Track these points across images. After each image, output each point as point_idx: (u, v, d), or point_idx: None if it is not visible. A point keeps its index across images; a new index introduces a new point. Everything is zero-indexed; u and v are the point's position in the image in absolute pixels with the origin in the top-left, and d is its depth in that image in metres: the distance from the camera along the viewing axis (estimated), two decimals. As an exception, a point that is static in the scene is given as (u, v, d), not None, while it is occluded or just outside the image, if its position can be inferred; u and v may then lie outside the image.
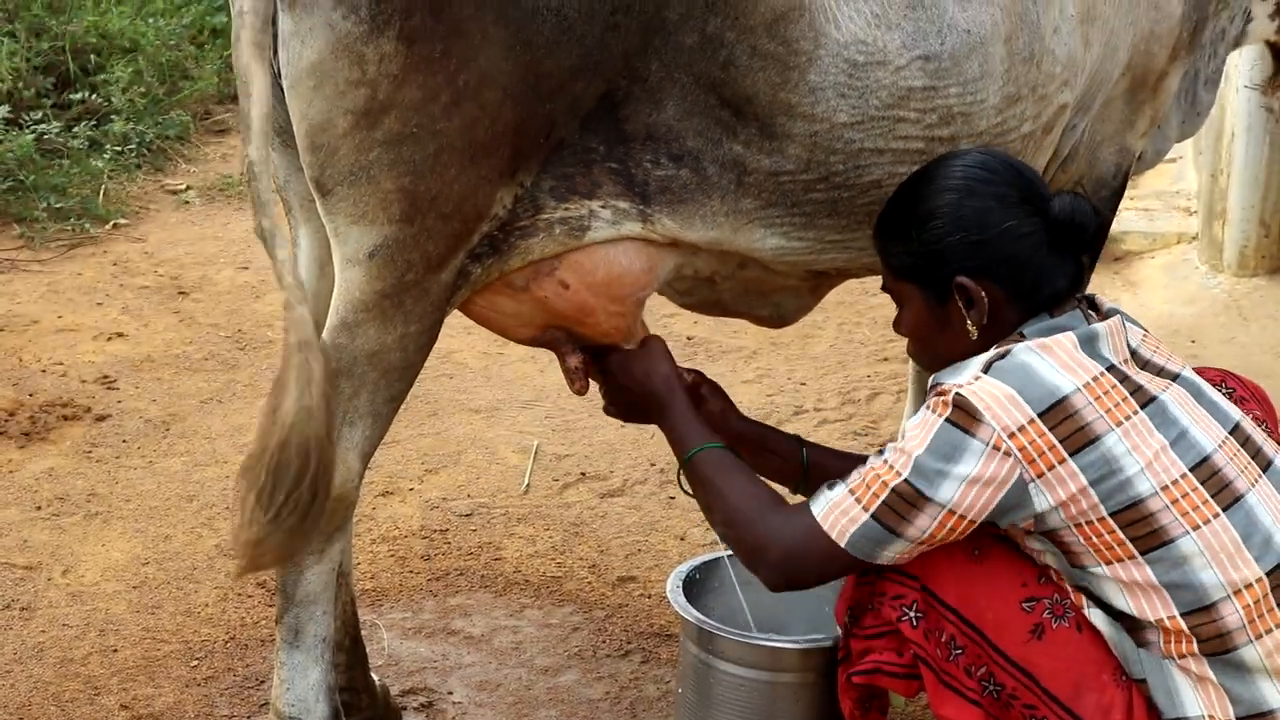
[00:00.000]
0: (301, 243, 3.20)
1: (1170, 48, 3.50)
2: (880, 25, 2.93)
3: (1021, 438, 2.61)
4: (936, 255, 2.81)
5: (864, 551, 2.71)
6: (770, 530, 2.78)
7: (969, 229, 2.79)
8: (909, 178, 2.92)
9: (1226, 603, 2.64)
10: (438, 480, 4.75)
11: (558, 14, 2.67)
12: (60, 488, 4.61)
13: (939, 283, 2.83)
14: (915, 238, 2.83)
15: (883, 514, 2.68)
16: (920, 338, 2.93)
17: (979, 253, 2.79)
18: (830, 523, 2.72)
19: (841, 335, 5.91)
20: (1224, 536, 2.65)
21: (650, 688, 3.74)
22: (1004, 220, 2.78)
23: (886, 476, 2.68)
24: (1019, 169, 2.86)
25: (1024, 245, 2.78)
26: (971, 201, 2.79)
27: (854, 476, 2.73)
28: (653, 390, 3.02)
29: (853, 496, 2.71)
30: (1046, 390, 2.64)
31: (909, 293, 2.89)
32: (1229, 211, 6.11)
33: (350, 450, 2.90)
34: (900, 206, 2.88)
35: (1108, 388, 2.67)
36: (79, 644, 3.85)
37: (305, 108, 2.70)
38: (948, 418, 2.65)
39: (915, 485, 2.65)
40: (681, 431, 2.97)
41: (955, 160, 2.87)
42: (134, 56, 7.96)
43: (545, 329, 3.02)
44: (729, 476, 2.88)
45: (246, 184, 2.76)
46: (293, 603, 2.98)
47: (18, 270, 6.36)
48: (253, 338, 5.79)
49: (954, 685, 2.76)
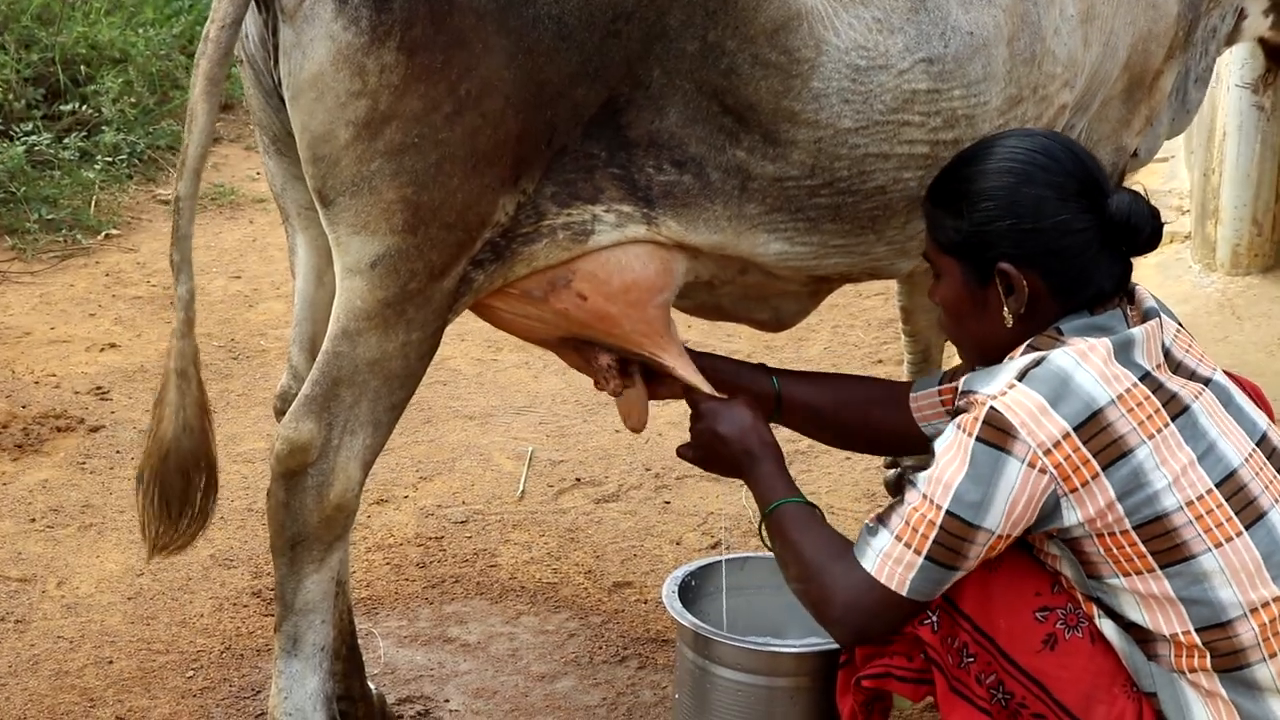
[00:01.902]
0: (299, 251, 3.19)
1: (1167, 47, 3.50)
2: (883, 29, 2.92)
3: (1057, 454, 2.58)
4: (984, 237, 2.75)
5: (926, 594, 2.68)
6: (832, 583, 2.73)
7: (1021, 216, 2.72)
8: (970, 148, 2.87)
9: (1242, 620, 2.62)
10: (432, 487, 4.74)
11: (558, 22, 2.66)
12: (54, 499, 4.60)
13: (982, 264, 2.77)
14: (965, 215, 2.77)
15: (936, 554, 2.64)
16: (954, 314, 2.87)
17: (1027, 242, 2.72)
18: (886, 574, 2.67)
19: (836, 338, 5.91)
20: (1245, 555, 2.62)
21: (647, 693, 3.73)
22: (1058, 212, 2.71)
23: (930, 514, 2.63)
24: (1082, 159, 2.79)
25: (1075, 241, 2.72)
26: (1028, 188, 2.73)
27: (895, 520, 2.68)
28: (748, 447, 2.96)
29: (901, 543, 2.66)
30: (1082, 402, 2.60)
31: (950, 267, 2.83)
32: (1221, 210, 6.11)
33: (351, 459, 2.89)
34: (955, 178, 2.82)
35: (1141, 399, 2.63)
36: (74, 656, 3.84)
37: (307, 119, 2.70)
38: (980, 437, 2.60)
39: (961, 516, 2.61)
40: (768, 486, 2.92)
41: (1018, 140, 2.80)
42: (124, 67, 7.96)
43: (572, 336, 3.02)
44: (804, 531, 2.82)
45: (172, 214, 2.84)
46: (291, 611, 2.98)
47: (10, 282, 6.35)
48: (246, 347, 5.78)
49: (964, 692, 2.73)
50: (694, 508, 4.61)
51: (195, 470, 2.92)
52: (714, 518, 4.54)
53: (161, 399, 2.90)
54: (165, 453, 2.89)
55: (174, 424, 2.88)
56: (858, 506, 4.57)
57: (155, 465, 2.90)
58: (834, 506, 4.53)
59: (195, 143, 2.77)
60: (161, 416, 2.90)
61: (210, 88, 2.74)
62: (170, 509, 2.93)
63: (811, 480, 4.70)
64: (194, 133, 2.76)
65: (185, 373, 2.88)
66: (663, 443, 4.99)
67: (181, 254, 2.82)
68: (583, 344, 3.04)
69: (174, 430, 2.89)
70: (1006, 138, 2.83)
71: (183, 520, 2.95)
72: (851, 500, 4.63)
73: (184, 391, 2.88)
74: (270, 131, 3.06)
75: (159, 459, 2.90)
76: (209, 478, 2.95)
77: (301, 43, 2.65)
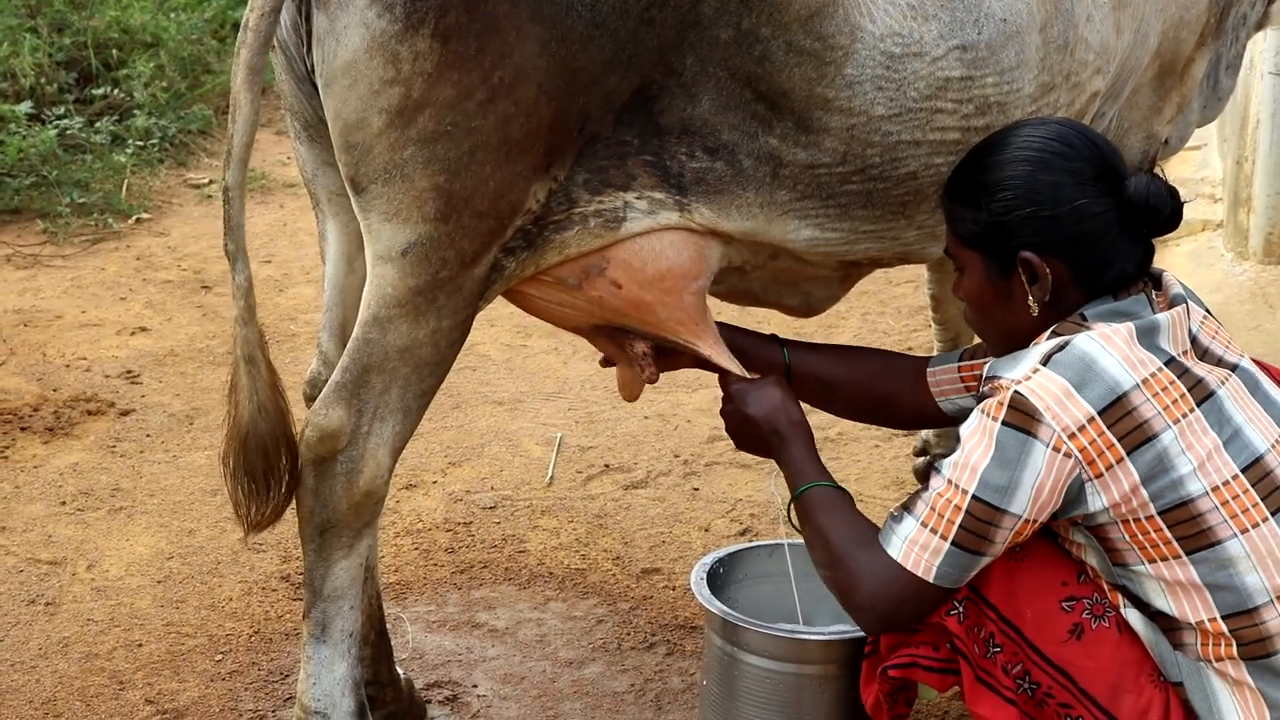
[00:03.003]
0: (329, 237, 3.19)
1: (1199, 34, 3.49)
2: (917, 16, 2.91)
3: (1082, 438, 2.57)
4: (1004, 227, 2.74)
5: (953, 580, 2.67)
6: (858, 569, 2.72)
7: (1040, 203, 2.71)
8: (985, 140, 2.86)
9: (1269, 607, 2.60)
10: (461, 473, 4.74)
11: (592, 9, 2.66)
12: (84, 482, 4.62)
13: (1004, 255, 2.76)
14: (984, 207, 2.76)
15: (963, 539, 2.63)
16: (979, 307, 2.86)
17: (1047, 228, 2.71)
18: (913, 560, 2.66)
19: (865, 325, 5.90)
20: (1271, 541, 2.61)
21: (675, 680, 3.73)
22: (1076, 197, 2.70)
23: (955, 499, 2.63)
24: (1097, 144, 2.78)
25: (1094, 225, 2.71)
26: (1045, 175, 2.72)
27: (920, 506, 2.67)
28: (777, 427, 2.95)
29: (927, 529, 2.65)
30: (1107, 386, 2.59)
31: (972, 260, 2.82)
32: (1254, 198, 6.08)
33: (380, 446, 2.90)
34: (972, 171, 2.82)
35: (1165, 384, 2.62)
36: (104, 639, 3.85)
37: (340, 106, 2.70)
38: (1005, 420, 2.60)
39: (987, 500, 2.60)
40: (797, 468, 2.91)
41: (1033, 129, 2.79)
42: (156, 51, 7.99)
43: (606, 324, 3.02)
44: (831, 515, 2.81)
45: (223, 204, 2.85)
46: (320, 597, 2.98)
47: (41, 265, 6.37)
48: (276, 331, 5.79)
49: (990, 683, 2.73)
50: (722, 494, 4.61)
51: (274, 448, 2.95)
52: (742, 504, 4.54)
53: (234, 385, 2.94)
54: (244, 436, 2.93)
55: (249, 408, 2.92)
56: (887, 494, 4.56)
57: (237, 449, 2.95)
58: (863, 494, 4.52)
59: (240, 131, 2.77)
60: (237, 402, 2.94)
61: (252, 77, 2.74)
62: (258, 488, 2.97)
63: (841, 467, 4.69)
64: (238, 122, 2.76)
65: (253, 358, 2.91)
66: (691, 429, 4.99)
67: (235, 243, 2.84)
68: (616, 331, 3.04)
69: (249, 414, 2.92)
70: (1020, 128, 2.83)
71: (271, 496, 2.98)
72: (880, 487, 4.63)
73: (254, 376, 2.91)
74: (302, 118, 3.06)
75: (239, 443, 2.94)
76: (290, 453, 2.97)
77: (335, 30, 2.65)
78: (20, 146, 6.94)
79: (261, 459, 2.94)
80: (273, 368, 2.96)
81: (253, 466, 2.94)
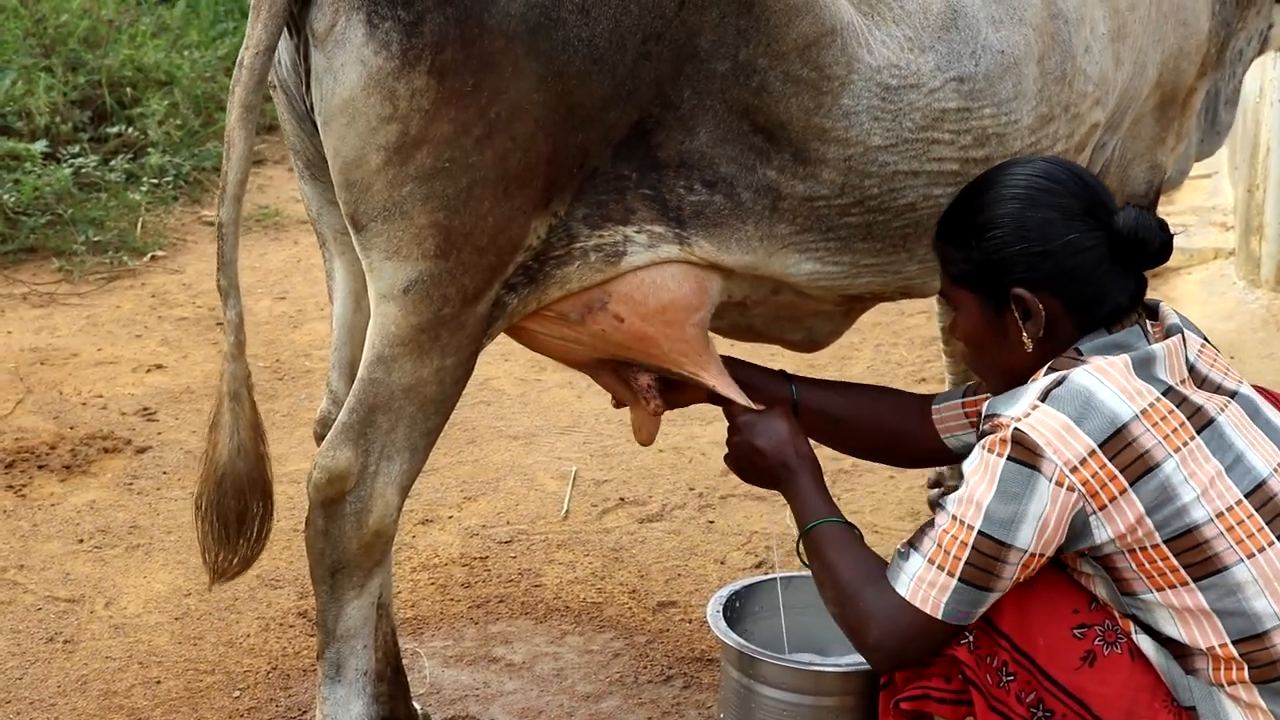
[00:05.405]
0: (336, 275, 3.20)
1: (1199, 63, 3.50)
2: (914, 48, 2.93)
3: (1084, 471, 2.58)
4: (995, 265, 2.77)
5: (962, 616, 2.67)
6: (867, 608, 2.72)
7: (1030, 240, 2.74)
8: (973, 182, 2.88)
9: (1278, 631, 2.61)
10: (477, 508, 4.75)
11: (589, 45, 2.66)
12: (102, 520, 4.63)
13: (997, 292, 2.78)
14: (974, 246, 2.79)
15: (970, 575, 2.64)
16: (975, 345, 2.88)
17: (1039, 265, 2.74)
18: (920, 598, 2.67)
19: (879, 356, 5.90)
20: (1277, 565, 2.62)
21: (692, 713, 3.73)
22: (1066, 233, 2.73)
23: (961, 535, 2.64)
24: (1084, 179, 2.81)
25: (1086, 259, 2.73)
26: (1034, 212, 2.74)
27: (926, 543, 2.68)
28: (786, 460, 2.96)
29: (934, 565, 2.66)
30: (1106, 418, 2.60)
31: (966, 300, 2.85)
32: (1265, 226, 6.09)
33: (389, 485, 2.89)
34: (961, 212, 2.84)
35: (1165, 413, 2.63)
36: (122, 676, 3.86)
37: (338, 144, 2.71)
38: (1010, 456, 2.61)
39: (992, 536, 2.61)
40: (804, 502, 2.92)
41: (1019, 168, 2.82)
42: (169, 89, 8.04)
43: (611, 358, 3.02)
44: (840, 552, 2.82)
45: (217, 240, 2.85)
46: (334, 638, 2.98)
47: (57, 304, 6.40)
48: (291, 368, 5.81)
49: (1004, 711, 2.72)
50: (738, 527, 4.62)
51: (251, 492, 2.92)
52: (758, 537, 4.54)
53: (215, 423, 2.90)
54: (221, 476, 2.89)
55: (228, 447, 2.88)
56: (901, 525, 4.56)
57: (211, 489, 2.90)
58: (877, 525, 4.52)
59: (234, 169, 2.77)
60: (216, 440, 2.89)
61: (247, 114, 2.75)
62: (228, 533, 2.93)
63: (855, 500, 4.70)
64: (232, 159, 2.77)
65: (238, 395, 2.87)
66: (706, 462, 5.00)
67: (228, 279, 2.83)
68: (621, 365, 3.05)
69: (228, 453, 2.88)
70: (1007, 167, 2.86)
71: (241, 543, 2.95)
72: (895, 519, 4.63)
73: (237, 414, 2.88)
74: (304, 156, 3.07)
75: (215, 483, 2.90)
76: (265, 500, 2.95)
77: (333, 68, 2.66)
78: (35, 185, 6.98)
79: (236, 500, 2.91)
80: (256, 408, 2.93)
81: (225, 509, 2.91)
